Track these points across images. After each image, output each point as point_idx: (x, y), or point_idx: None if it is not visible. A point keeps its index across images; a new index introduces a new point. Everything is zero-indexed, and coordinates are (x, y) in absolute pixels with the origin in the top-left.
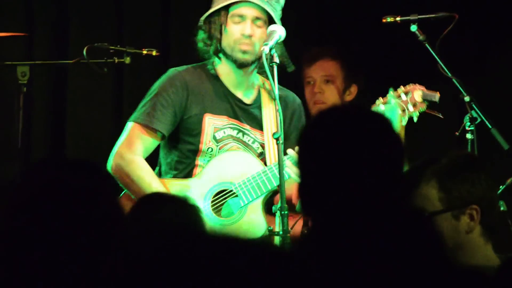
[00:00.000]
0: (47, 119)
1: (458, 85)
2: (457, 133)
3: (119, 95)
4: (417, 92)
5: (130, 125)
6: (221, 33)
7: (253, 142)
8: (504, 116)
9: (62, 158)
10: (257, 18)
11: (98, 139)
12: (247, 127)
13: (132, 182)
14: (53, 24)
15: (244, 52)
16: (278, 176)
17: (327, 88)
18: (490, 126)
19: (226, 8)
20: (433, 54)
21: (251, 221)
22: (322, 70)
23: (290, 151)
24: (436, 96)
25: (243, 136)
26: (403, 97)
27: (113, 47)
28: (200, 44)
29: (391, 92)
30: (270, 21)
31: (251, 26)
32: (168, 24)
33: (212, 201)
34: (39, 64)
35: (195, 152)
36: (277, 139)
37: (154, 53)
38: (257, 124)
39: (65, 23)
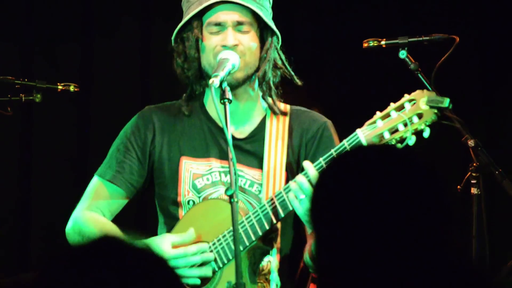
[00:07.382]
0: None
1: (460, 126)
2: (459, 187)
3: (27, 141)
4: (422, 99)
5: (93, 179)
6: (198, 51)
7: (250, 185)
8: None
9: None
10: (240, 24)
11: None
12: (241, 167)
13: (83, 239)
14: None
15: None
16: (242, 239)
17: None
18: (501, 178)
19: (199, 17)
20: (428, 86)
21: None
22: None
23: (306, 164)
24: (444, 101)
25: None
26: (407, 106)
27: (19, 82)
28: (179, 72)
29: (391, 104)
30: (259, 23)
31: (233, 34)
32: (92, 51)
33: None
34: None
35: (177, 208)
36: (231, 196)
37: (72, 88)
38: (256, 160)
39: None
